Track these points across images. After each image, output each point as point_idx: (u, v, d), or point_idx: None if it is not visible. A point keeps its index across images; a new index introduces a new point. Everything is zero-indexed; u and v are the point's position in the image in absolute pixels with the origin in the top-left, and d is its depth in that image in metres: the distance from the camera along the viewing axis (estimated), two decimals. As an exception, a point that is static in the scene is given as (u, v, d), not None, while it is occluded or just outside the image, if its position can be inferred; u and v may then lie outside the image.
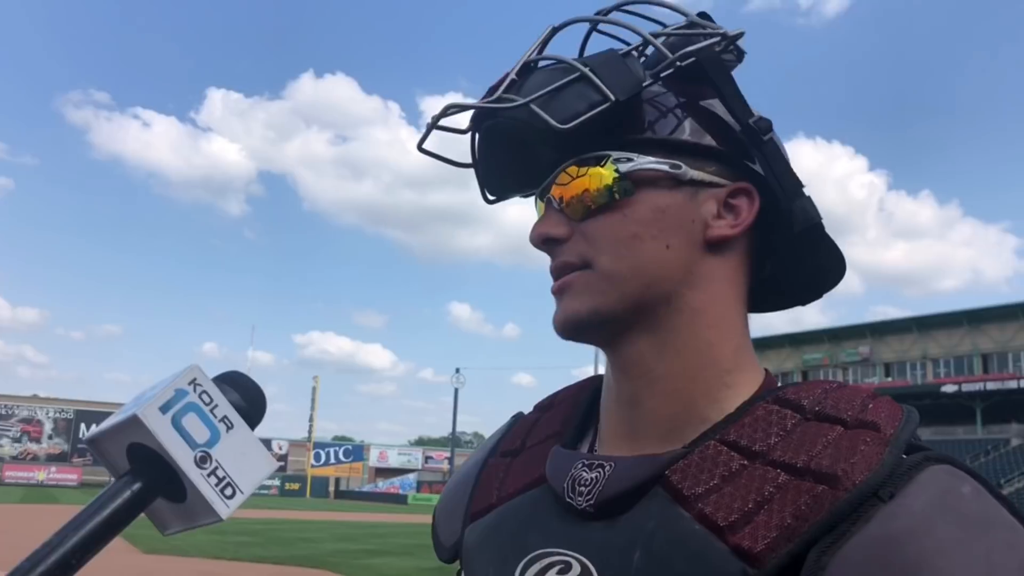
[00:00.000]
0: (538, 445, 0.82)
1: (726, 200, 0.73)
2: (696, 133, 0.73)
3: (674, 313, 0.72)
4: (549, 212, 0.76)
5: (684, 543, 0.64)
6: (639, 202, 0.72)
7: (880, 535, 0.58)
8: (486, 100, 0.72)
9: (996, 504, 0.62)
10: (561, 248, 0.75)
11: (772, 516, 0.62)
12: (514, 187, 0.80)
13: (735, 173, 0.74)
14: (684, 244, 0.72)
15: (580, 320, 0.73)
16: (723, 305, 0.74)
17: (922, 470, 0.62)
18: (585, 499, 0.70)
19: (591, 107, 0.69)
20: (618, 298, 0.72)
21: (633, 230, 0.72)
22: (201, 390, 0.64)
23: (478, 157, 0.77)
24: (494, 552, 0.76)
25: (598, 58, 0.72)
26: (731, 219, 0.73)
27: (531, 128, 0.70)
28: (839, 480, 0.61)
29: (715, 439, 0.69)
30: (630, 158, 0.72)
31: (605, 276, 0.72)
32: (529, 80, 0.72)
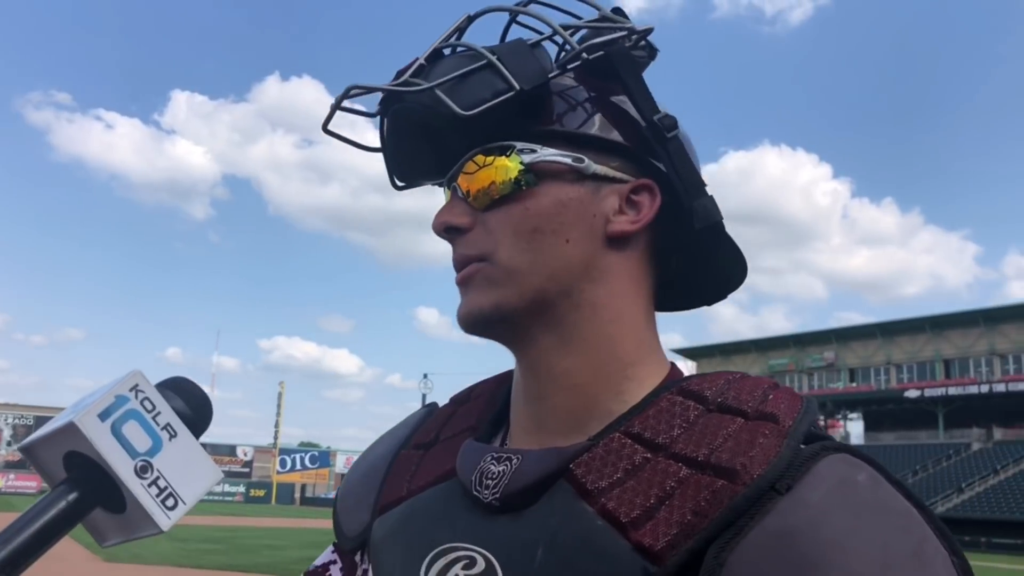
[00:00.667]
0: (452, 438, 0.81)
1: (628, 196, 0.73)
2: (602, 127, 0.73)
3: (574, 308, 0.73)
4: (454, 200, 0.76)
5: (587, 540, 0.64)
6: (541, 195, 0.72)
7: (777, 528, 0.58)
8: (392, 84, 0.71)
9: (892, 490, 0.62)
10: (463, 239, 0.75)
11: (673, 512, 0.62)
12: (423, 174, 0.80)
13: (639, 169, 0.74)
14: (585, 238, 0.72)
15: (483, 315, 0.73)
16: (624, 300, 0.74)
17: (819, 460, 0.62)
18: (491, 492, 0.70)
19: (495, 95, 0.69)
20: (519, 293, 0.72)
21: (534, 223, 0.71)
22: (143, 397, 0.62)
23: (386, 142, 0.77)
24: (403, 545, 0.75)
25: (506, 47, 0.72)
26: (632, 215, 0.73)
27: (436, 113, 0.69)
28: (738, 474, 0.61)
29: (619, 431, 0.69)
30: (533, 149, 0.72)
31: (504, 270, 0.72)
32: (438, 66, 0.72)
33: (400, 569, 0.74)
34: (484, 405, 0.84)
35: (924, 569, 0.57)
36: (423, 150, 0.77)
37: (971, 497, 45.18)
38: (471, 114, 0.68)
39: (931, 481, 48.68)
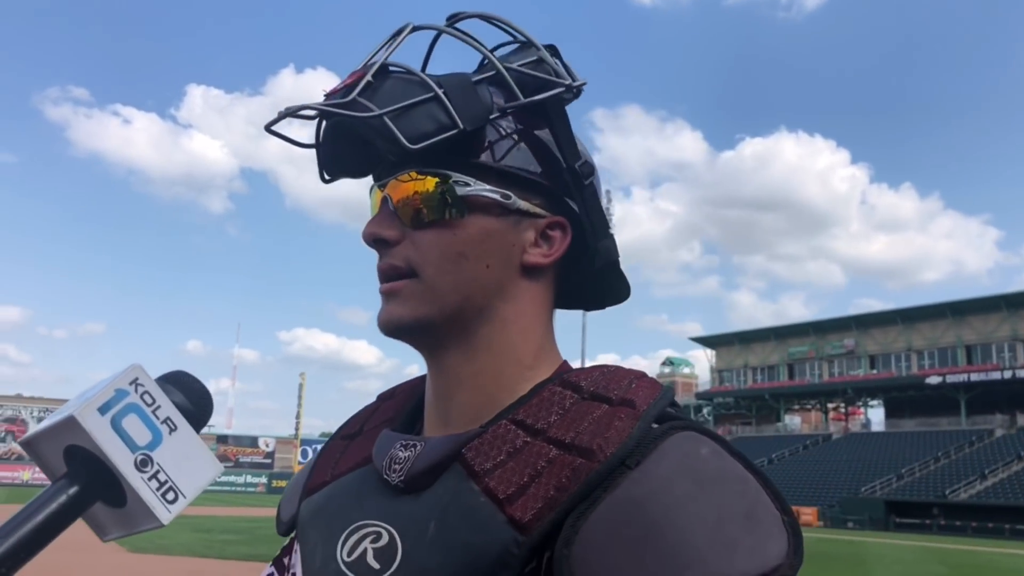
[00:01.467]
0: (373, 430, 0.90)
1: (544, 230, 0.81)
2: (528, 166, 0.80)
3: (486, 322, 0.80)
4: (384, 212, 0.81)
5: (471, 514, 0.71)
6: (469, 224, 0.78)
7: (625, 498, 0.66)
8: (340, 101, 0.75)
9: (732, 460, 0.70)
10: (391, 250, 0.80)
11: (540, 488, 0.70)
12: (351, 172, 0.85)
13: (555, 207, 0.82)
14: (502, 265, 0.80)
15: (403, 325, 0.80)
16: (529, 316, 0.82)
17: (667, 438, 0.70)
18: (398, 475, 0.78)
19: (439, 130, 0.74)
20: (439, 309, 0.79)
21: (460, 248, 0.78)
22: (143, 390, 0.62)
23: (321, 140, 0.81)
24: (323, 524, 0.83)
25: (452, 81, 0.77)
26: (545, 248, 0.81)
27: (380, 138, 0.74)
28: (594, 453, 0.69)
29: (507, 419, 0.76)
30: (467, 183, 0.78)
31: (429, 287, 0.78)
32: (383, 86, 0.76)
33: (321, 545, 0.81)
34: (403, 401, 0.93)
35: (755, 526, 0.66)
36: (355, 153, 0.82)
37: (994, 484, 44.81)
38: (416, 148, 0.73)
39: (953, 468, 48.33)
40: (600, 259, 0.84)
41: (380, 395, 0.99)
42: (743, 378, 70.06)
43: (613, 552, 0.65)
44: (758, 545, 0.65)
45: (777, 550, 0.65)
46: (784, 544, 0.66)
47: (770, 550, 0.65)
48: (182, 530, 22.32)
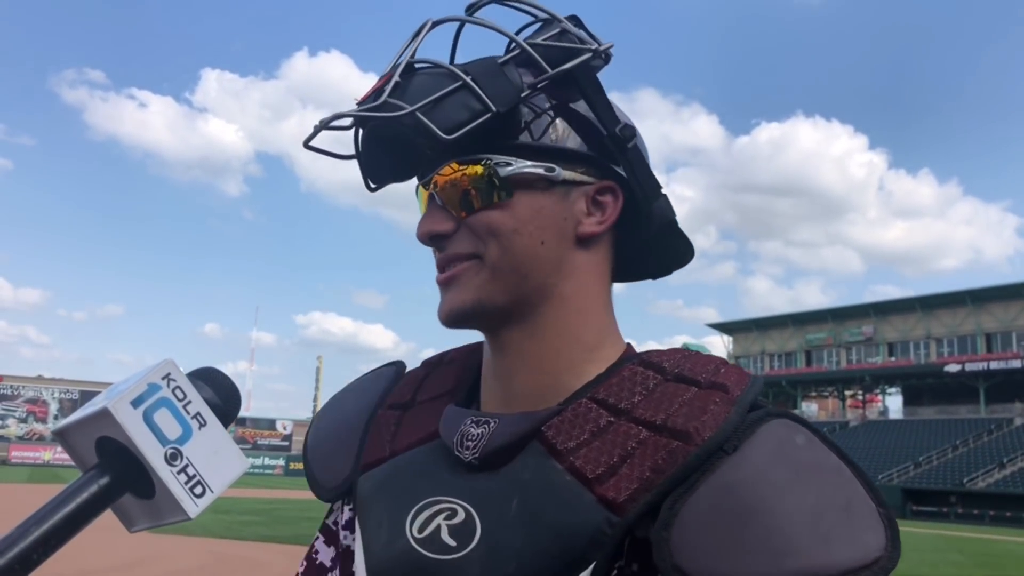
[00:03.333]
0: (430, 401, 0.89)
1: (594, 197, 0.81)
2: (567, 138, 0.80)
3: (546, 301, 0.80)
4: (432, 209, 0.81)
5: (556, 493, 0.72)
6: (518, 203, 0.78)
7: (723, 483, 0.68)
8: (371, 105, 0.76)
9: (827, 450, 0.71)
10: (448, 242, 0.81)
11: (634, 469, 0.70)
12: (395, 176, 0.86)
13: (602, 173, 0.81)
14: (557, 239, 0.80)
15: (465, 311, 0.80)
16: (589, 292, 0.82)
17: (762, 424, 0.72)
18: (471, 452, 0.78)
19: (473, 117, 0.74)
20: (500, 289, 0.79)
21: (513, 227, 0.78)
22: (175, 385, 0.63)
23: (361, 150, 0.82)
24: (389, 501, 0.82)
25: (478, 67, 0.77)
26: (598, 216, 0.81)
27: (416, 133, 0.75)
28: (691, 436, 0.70)
29: (587, 397, 0.77)
30: (508, 162, 0.78)
31: (490, 268, 0.78)
32: (412, 83, 0.77)
33: (387, 521, 0.80)
34: (459, 371, 0.91)
35: (852, 518, 0.66)
36: (395, 156, 0.83)
37: (1013, 472, 44.54)
38: (452, 138, 0.74)
39: (972, 456, 48.07)
40: (655, 221, 0.83)
41: (426, 361, 0.97)
42: (760, 365, 69.80)
43: (712, 537, 0.65)
44: (857, 537, 0.65)
45: (876, 542, 0.65)
46: (882, 536, 0.66)
47: (869, 542, 0.65)
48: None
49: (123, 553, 13.49)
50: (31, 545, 0.57)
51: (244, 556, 13.88)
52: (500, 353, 0.82)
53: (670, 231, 0.86)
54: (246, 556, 13.88)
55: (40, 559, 0.58)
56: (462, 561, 0.73)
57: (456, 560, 0.73)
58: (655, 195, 0.83)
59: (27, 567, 0.57)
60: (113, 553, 13.42)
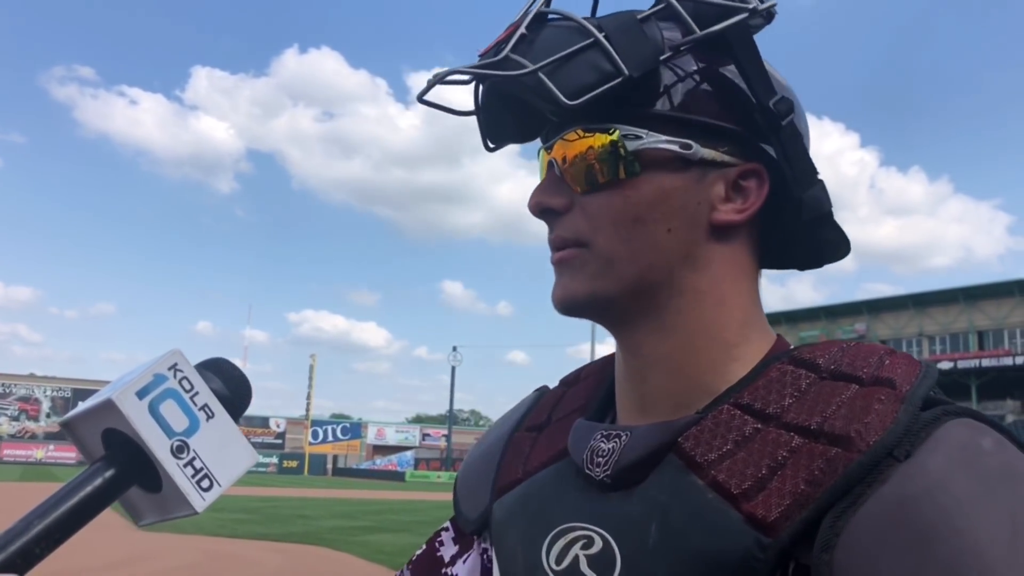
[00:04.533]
0: (563, 419, 0.81)
1: (736, 181, 0.70)
2: (711, 110, 0.69)
3: (676, 295, 0.71)
4: (550, 179, 0.73)
5: (699, 515, 0.63)
6: (644, 182, 0.69)
7: (896, 496, 0.56)
8: (492, 60, 0.68)
9: (1020, 455, 0.59)
10: (560, 220, 0.72)
11: (786, 482, 0.60)
12: (515, 136, 0.78)
13: (748, 153, 0.70)
14: (687, 227, 0.70)
15: (577, 302, 0.72)
16: (727, 285, 0.72)
17: (939, 426, 0.59)
18: (603, 470, 0.69)
19: (601, 80, 0.65)
20: (616, 281, 0.70)
21: (635, 212, 0.69)
22: (181, 376, 0.61)
23: (481, 105, 0.74)
24: (522, 528, 0.75)
25: (614, 22, 0.67)
26: (739, 203, 0.70)
27: (536, 95, 0.67)
28: (852, 442, 0.59)
29: (728, 403, 0.67)
30: (639, 135, 0.68)
31: (603, 258, 0.70)
32: (539, 37, 0.68)
33: (522, 550, 0.74)
34: (593, 385, 0.84)
35: None
36: (516, 115, 0.75)
37: (1004, 469, 44.80)
38: (576, 104, 0.65)
39: (963, 453, 48.29)
40: (808, 210, 0.71)
41: (563, 380, 0.90)
42: (753, 362, 70.01)
43: (883, 561, 0.55)
44: None
45: None
46: None
47: None
48: (194, 509, 22.44)
49: (117, 551, 13.45)
50: (33, 539, 0.56)
51: (237, 554, 13.85)
52: (631, 354, 0.74)
53: (823, 223, 0.74)
54: (239, 554, 13.85)
55: (43, 553, 0.57)
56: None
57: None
58: (810, 182, 0.71)
59: (29, 561, 0.56)
60: (107, 551, 13.38)
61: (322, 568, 12.88)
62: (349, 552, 14.40)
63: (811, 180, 0.71)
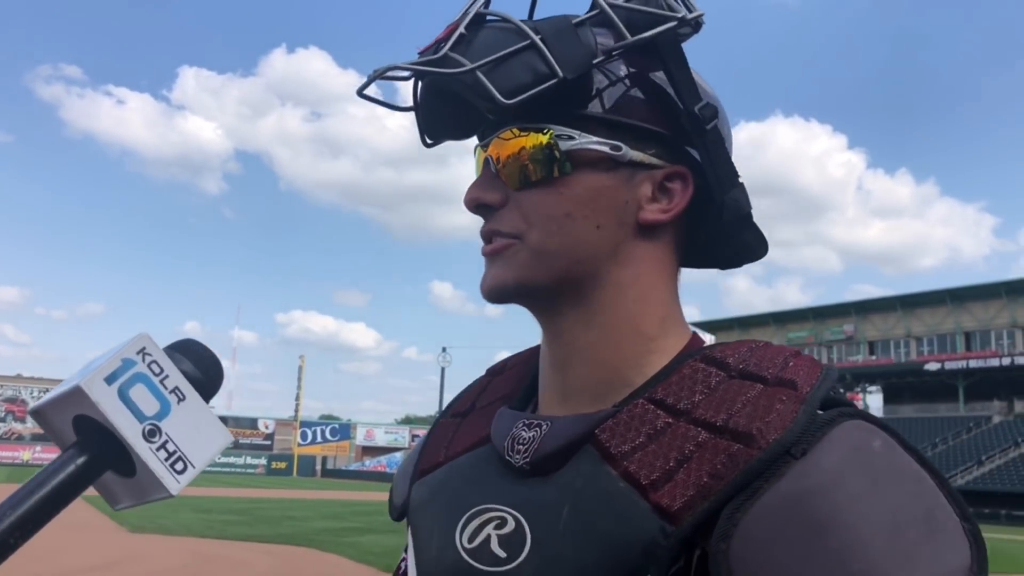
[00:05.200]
0: (487, 407, 0.85)
1: (662, 182, 0.74)
2: (640, 114, 0.73)
3: (600, 288, 0.74)
4: (486, 175, 0.76)
5: (609, 501, 0.66)
6: (576, 181, 0.72)
7: (791, 491, 0.60)
8: (431, 57, 0.70)
9: (906, 456, 0.64)
10: (494, 215, 0.75)
11: (691, 474, 0.64)
12: (452, 133, 0.80)
13: (674, 156, 0.74)
14: (615, 224, 0.73)
15: (506, 289, 0.75)
16: (649, 281, 0.76)
17: (835, 426, 0.63)
18: (522, 457, 0.73)
19: (537, 81, 0.68)
20: (545, 273, 0.73)
21: (567, 209, 0.72)
22: (150, 360, 0.61)
23: (419, 102, 0.76)
24: (440, 508, 0.79)
25: (550, 26, 0.70)
26: (664, 203, 0.74)
27: (474, 94, 0.69)
28: (754, 439, 0.63)
29: (643, 397, 0.71)
30: (572, 136, 0.72)
31: (535, 250, 0.73)
32: (477, 38, 0.71)
33: (437, 530, 0.77)
34: (518, 375, 0.88)
35: (934, 532, 0.59)
36: (454, 111, 0.77)
37: (991, 470, 45.00)
38: (512, 103, 0.68)
39: (951, 454, 48.50)
40: (728, 212, 0.76)
41: (490, 369, 0.94)
42: (742, 363, 70.15)
43: (776, 551, 0.59)
44: (939, 555, 0.59)
45: (959, 561, 0.59)
46: (966, 555, 0.60)
47: (951, 561, 0.59)
48: (182, 510, 22.38)
49: (104, 552, 13.39)
50: (7, 529, 0.56)
51: (226, 555, 13.80)
52: (554, 342, 0.77)
53: (743, 225, 0.79)
54: (228, 555, 13.80)
55: (17, 543, 0.56)
56: (512, 573, 0.69)
57: (506, 572, 0.69)
58: (731, 184, 0.75)
59: (3, 552, 0.56)
60: (94, 552, 13.32)
61: (311, 569, 12.85)
62: (338, 553, 14.38)
63: (732, 183, 0.75)
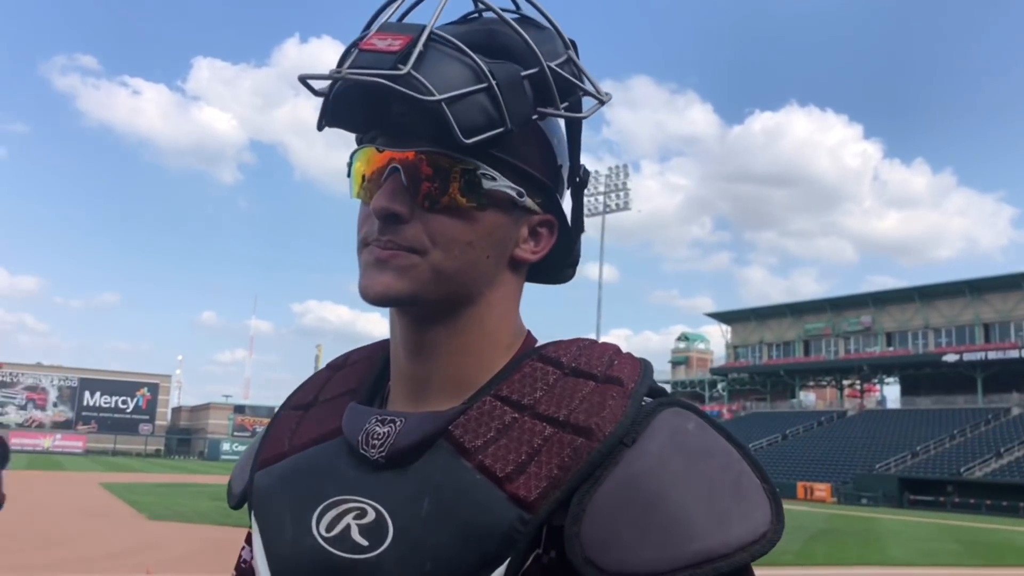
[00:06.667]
0: (332, 400, 0.88)
1: (535, 226, 0.84)
2: (542, 166, 0.82)
3: (472, 306, 0.81)
4: (395, 186, 0.77)
5: (467, 492, 0.72)
6: (484, 216, 0.78)
7: (626, 475, 0.71)
8: (392, 72, 0.71)
9: (715, 435, 0.75)
10: (397, 227, 0.77)
11: (542, 467, 0.72)
12: (352, 125, 0.81)
13: (549, 205, 0.84)
14: (498, 256, 0.81)
15: (398, 298, 0.78)
16: (509, 300, 0.84)
17: (656, 415, 0.74)
18: (378, 451, 0.77)
19: (489, 125, 0.73)
20: (436, 289, 0.78)
21: (470, 238, 0.78)
22: None
23: (336, 92, 0.77)
24: (289, 498, 0.81)
25: (503, 73, 0.74)
26: (533, 245, 0.84)
27: (428, 120, 0.73)
28: (593, 432, 0.72)
29: (489, 395, 0.78)
30: (494, 177, 0.78)
31: (432, 268, 0.77)
32: (428, 60, 0.73)
33: (290, 519, 0.79)
34: (363, 371, 0.91)
35: (742, 497, 0.72)
36: (364, 105, 0.78)
37: (1010, 462, 44.65)
38: (469, 143, 0.73)
39: (969, 446, 48.17)
40: (574, 257, 0.90)
41: (330, 364, 0.98)
42: (758, 354, 69.91)
43: (619, 528, 0.69)
44: (747, 514, 0.71)
45: (763, 517, 0.71)
46: (768, 511, 0.72)
47: (757, 518, 0.71)
48: (200, 498, 22.53)
49: (124, 539, 13.52)
50: None
51: (241, 543, 13.89)
52: (418, 347, 0.82)
53: (573, 264, 0.92)
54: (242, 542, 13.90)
55: None
56: (377, 560, 0.73)
57: (370, 559, 0.73)
58: (579, 237, 0.88)
59: None
60: (114, 539, 13.45)
61: (327, 557, 12.91)
62: (354, 542, 14.40)
63: (581, 232, 0.89)
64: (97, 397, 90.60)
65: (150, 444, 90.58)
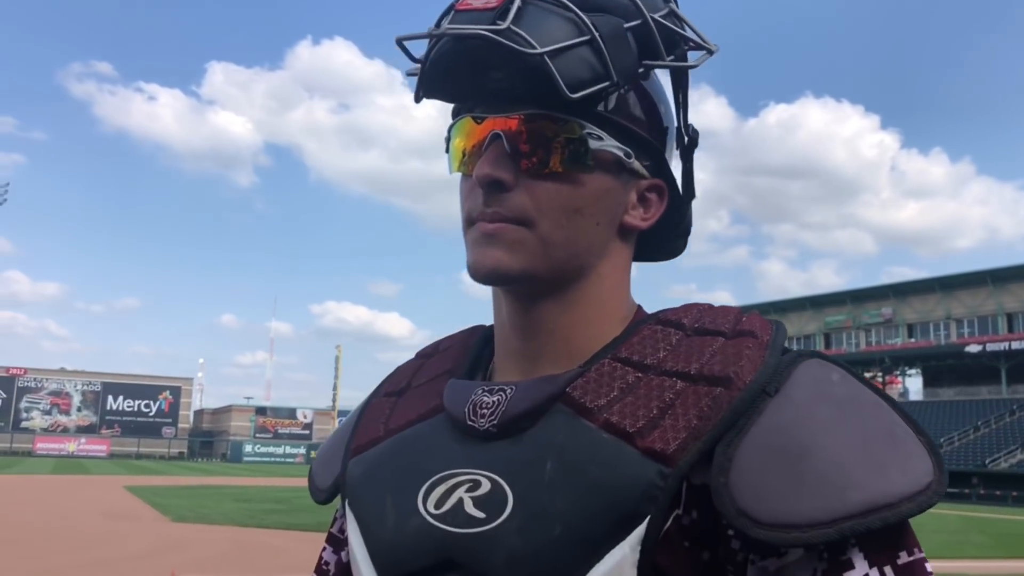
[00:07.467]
0: (428, 382, 0.85)
1: (644, 192, 0.79)
2: (649, 127, 0.78)
3: (583, 278, 0.78)
4: (498, 152, 0.74)
5: (595, 451, 0.69)
6: (592, 180, 0.75)
7: (773, 424, 0.67)
8: (491, 27, 0.68)
9: (860, 385, 0.72)
10: (502, 196, 0.74)
11: (678, 419, 0.68)
12: (450, 95, 0.79)
13: (657, 169, 0.80)
14: (608, 224, 0.78)
15: (508, 275, 0.74)
16: (621, 272, 0.81)
17: (798, 365, 0.71)
18: (488, 420, 0.73)
19: (594, 80, 0.69)
20: (547, 262, 0.74)
21: (578, 204, 0.75)
22: None
23: (434, 57, 0.73)
24: (390, 481, 0.77)
25: (606, 26, 0.71)
26: (643, 211, 0.80)
27: (531, 77, 0.69)
28: (732, 382, 0.69)
29: (608, 357, 0.74)
30: (600, 136, 0.74)
31: (543, 241, 0.74)
32: (528, 15, 0.69)
33: (391, 502, 0.76)
34: (456, 354, 0.87)
35: (897, 446, 0.67)
36: (463, 73, 0.74)
37: (1035, 453, 44.21)
38: (575, 98, 0.69)
39: (993, 437, 47.74)
40: (684, 225, 0.85)
41: (420, 352, 0.94)
42: (778, 348, 69.43)
43: (772, 478, 0.65)
44: (907, 464, 0.66)
45: (924, 467, 0.66)
46: (928, 462, 0.66)
47: (919, 468, 0.66)
48: (223, 500, 22.69)
49: (149, 541, 13.62)
50: None
51: (265, 543, 13.99)
52: (527, 322, 0.78)
53: (685, 233, 0.87)
54: (267, 543, 13.99)
55: None
56: (496, 532, 0.69)
57: (488, 532, 0.69)
58: (691, 202, 0.83)
59: None
60: (139, 540, 13.56)
61: (350, 557, 12.96)
62: (377, 541, 14.45)
63: (691, 200, 0.84)
64: (120, 401, 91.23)
65: (173, 447, 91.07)
